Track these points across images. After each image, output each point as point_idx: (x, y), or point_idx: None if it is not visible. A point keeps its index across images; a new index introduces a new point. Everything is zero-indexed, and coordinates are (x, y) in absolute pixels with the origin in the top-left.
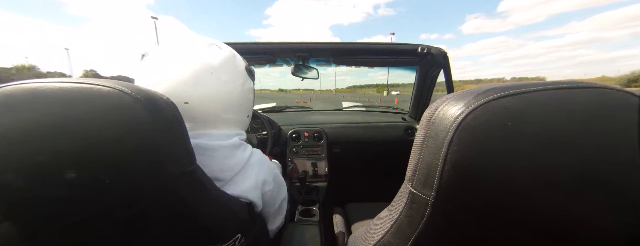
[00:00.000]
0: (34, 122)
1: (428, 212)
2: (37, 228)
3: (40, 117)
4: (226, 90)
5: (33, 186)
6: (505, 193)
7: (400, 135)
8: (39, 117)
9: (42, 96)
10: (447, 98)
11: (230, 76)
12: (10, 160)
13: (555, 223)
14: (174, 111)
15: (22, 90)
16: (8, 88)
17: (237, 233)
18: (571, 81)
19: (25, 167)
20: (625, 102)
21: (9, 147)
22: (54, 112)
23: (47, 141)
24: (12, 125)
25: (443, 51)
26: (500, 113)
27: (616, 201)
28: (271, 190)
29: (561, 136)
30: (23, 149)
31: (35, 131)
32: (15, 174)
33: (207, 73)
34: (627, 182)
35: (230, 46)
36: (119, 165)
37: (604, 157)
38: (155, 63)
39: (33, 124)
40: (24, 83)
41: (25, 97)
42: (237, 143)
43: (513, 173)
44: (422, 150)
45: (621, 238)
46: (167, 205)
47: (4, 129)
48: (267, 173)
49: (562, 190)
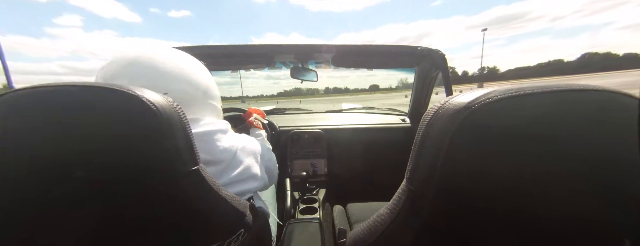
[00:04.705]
0: (42, 125)
1: (427, 211)
2: (42, 228)
3: (49, 120)
4: (199, 74)
5: (41, 187)
6: (505, 193)
7: (399, 136)
8: (48, 120)
9: (50, 99)
10: (446, 99)
11: (195, 62)
12: (19, 163)
13: (556, 223)
14: (179, 112)
15: (30, 94)
16: (18, 93)
17: (240, 228)
18: (571, 84)
19: (33, 169)
20: (625, 104)
21: (18, 149)
22: (63, 115)
23: (56, 143)
24: (21, 128)
25: (441, 53)
26: (500, 115)
27: (617, 202)
28: (269, 159)
29: (561, 137)
30: (32, 151)
31: (44, 133)
32: (24, 176)
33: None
34: (628, 184)
35: (230, 49)
36: (126, 165)
37: (605, 158)
38: (124, 66)
39: (42, 127)
40: (32, 88)
41: (33, 100)
42: (225, 127)
43: (513, 174)
44: (421, 150)
45: (621, 239)
46: (173, 204)
47: (14, 132)
48: (256, 145)
49: (562, 191)
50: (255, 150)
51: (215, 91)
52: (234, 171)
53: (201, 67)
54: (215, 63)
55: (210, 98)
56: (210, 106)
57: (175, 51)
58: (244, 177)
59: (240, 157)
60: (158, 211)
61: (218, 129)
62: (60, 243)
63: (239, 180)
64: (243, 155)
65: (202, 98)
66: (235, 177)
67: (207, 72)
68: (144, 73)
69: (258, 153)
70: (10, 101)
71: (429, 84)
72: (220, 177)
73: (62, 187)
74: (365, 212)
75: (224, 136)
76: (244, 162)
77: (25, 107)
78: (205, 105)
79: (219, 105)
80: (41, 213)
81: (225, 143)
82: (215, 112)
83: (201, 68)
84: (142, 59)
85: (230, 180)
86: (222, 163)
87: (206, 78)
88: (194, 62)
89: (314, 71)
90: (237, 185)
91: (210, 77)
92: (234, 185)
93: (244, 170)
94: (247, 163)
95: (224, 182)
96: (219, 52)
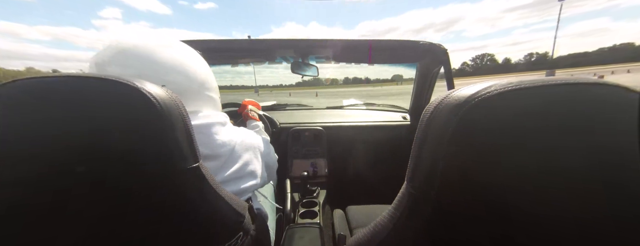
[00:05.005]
0: (44, 117)
1: (429, 213)
2: (42, 222)
3: (51, 112)
4: (195, 66)
5: (42, 180)
6: (506, 191)
7: (400, 133)
8: (50, 111)
9: (53, 90)
10: (446, 94)
11: (192, 53)
12: (20, 154)
13: (557, 222)
14: (178, 104)
15: (32, 84)
16: (18, 83)
17: (238, 231)
18: (572, 77)
19: (34, 161)
20: (625, 97)
21: (19, 141)
22: (65, 107)
23: (57, 135)
24: (22, 120)
25: (443, 47)
26: (500, 109)
27: (617, 199)
28: (268, 153)
29: (562, 132)
30: (33, 143)
31: (46, 125)
32: (24, 168)
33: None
34: (628, 180)
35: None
36: (127, 159)
37: (605, 153)
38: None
39: (44, 118)
40: (34, 78)
41: (36, 91)
42: (224, 119)
43: (514, 171)
44: (422, 149)
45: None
46: (172, 202)
47: (15, 123)
48: (256, 139)
49: (563, 188)
50: (254, 145)
51: (213, 83)
52: (232, 167)
53: (198, 58)
54: (215, 58)
55: (207, 90)
56: (208, 98)
57: (173, 42)
58: (243, 173)
59: (239, 152)
60: (158, 210)
61: (216, 122)
62: (59, 240)
63: (237, 177)
64: (242, 150)
65: (199, 90)
66: (233, 174)
67: (204, 63)
68: (137, 62)
69: (257, 148)
70: (6, 92)
71: (431, 80)
72: (219, 174)
73: (61, 182)
74: (366, 216)
75: (222, 129)
76: (242, 157)
77: (22, 99)
78: (203, 97)
79: (217, 96)
80: (41, 209)
81: (224, 137)
82: (213, 104)
83: (198, 60)
84: (137, 47)
85: (228, 177)
86: (220, 158)
87: (203, 70)
88: (190, 53)
89: (314, 66)
90: (235, 182)
91: (207, 69)
92: (233, 183)
93: (243, 166)
94: (246, 158)
95: (222, 178)
96: (219, 46)
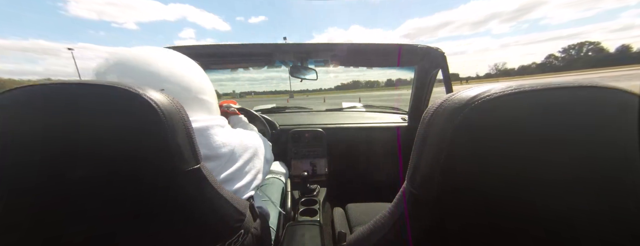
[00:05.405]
0: (47, 122)
1: (428, 212)
2: (45, 223)
3: (54, 117)
4: (191, 75)
5: (44, 183)
6: (506, 191)
7: (399, 134)
8: (53, 116)
9: (55, 96)
10: (445, 97)
11: (187, 62)
12: (23, 160)
13: (557, 222)
14: (182, 111)
15: (35, 91)
16: (22, 90)
17: (240, 229)
18: (571, 80)
19: (34, 167)
20: (625, 101)
21: (21, 148)
22: (68, 112)
23: (60, 140)
24: (26, 125)
25: (441, 51)
26: (500, 112)
27: (616, 201)
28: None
29: (561, 134)
30: (33, 149)
31: (49, 130)
32: (27, 173)
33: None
34: (627, 182)
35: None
36: (130, 163)
37: (605, 156)
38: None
39: (46, 124)
40: (37, 85)
41: (38, 97)
42: (222, 122)
43: (513, 172)
44: (422, 150)
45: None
46: (174, 203)
47: (19, 128)
48: (255, 140)
49: (562, 189)
50: (254, 144)
51: (210, 88)
52: (233, 166)
53: (194, 66)
54: (214, 63)
55: (204, 95)
56: (205, 103)
57: (168, 52)
58: (242, 172)
59: (239, 152)
60: (159, 210)
61: (216, 124)
62: (60, 240)
63: (237, 177)
64: (241, 150)
65: (196, 96)
66: (233, 173)
67: (200, 71)
68: (135, 71)
69: (257, 148)
70: (11, 99)
71: (429, 82)
72: (219, 173)
73: (63, 185)
74: (366, 214)
75: (221, 130)
76: (242, 157)
77: (26, 105)
78: (200, 102)
79: (214, 101)
80: (43, 210)
81: (223, 138)
82: (211, 108)
83: (194, 68)
84: (135, 57)
85: (229, 177)
86: (221, 159)
87: (199, 77)
88: (186, 62)
89: (313, 70)
90: (235, 181)
91: (203, 75)
92: (233, 182)
93: (243, 165)
94: (246, 158)
95: (223, 178)
96: (218, 51)
